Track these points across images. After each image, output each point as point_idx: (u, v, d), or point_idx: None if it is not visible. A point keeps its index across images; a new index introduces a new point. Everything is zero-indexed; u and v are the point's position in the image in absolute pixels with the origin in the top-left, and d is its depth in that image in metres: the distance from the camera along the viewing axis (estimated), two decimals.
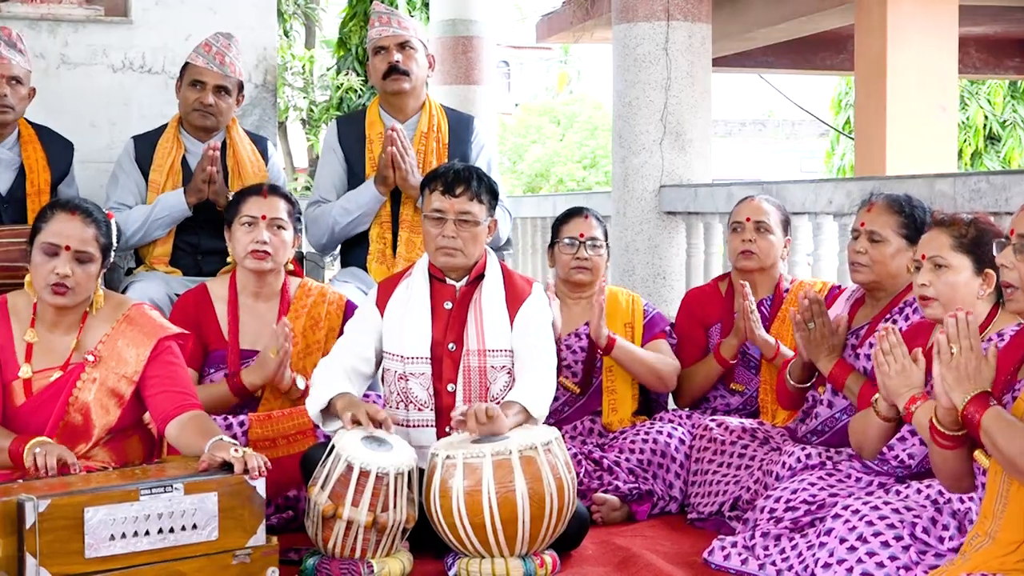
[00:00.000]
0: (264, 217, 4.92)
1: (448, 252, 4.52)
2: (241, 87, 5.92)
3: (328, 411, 4.37)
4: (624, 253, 7.90)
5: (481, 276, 4.60)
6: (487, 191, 4.57)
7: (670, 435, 5.05)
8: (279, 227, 4.95)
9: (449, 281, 4.59)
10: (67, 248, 4.17)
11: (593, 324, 5.14)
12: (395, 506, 4.03)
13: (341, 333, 4.97)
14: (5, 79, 5.58)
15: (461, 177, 4.54)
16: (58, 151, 5.85)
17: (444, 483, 4.04)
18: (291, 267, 5.12)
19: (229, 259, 5.07)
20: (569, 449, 4.51)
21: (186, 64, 5.85)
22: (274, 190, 5.06)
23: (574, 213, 5.47)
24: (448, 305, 4.57)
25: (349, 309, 5.10)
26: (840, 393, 4.62)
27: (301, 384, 4.86)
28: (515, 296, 4.58)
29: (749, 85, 28.87)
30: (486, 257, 4.63)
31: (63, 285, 4.15)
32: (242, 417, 4.78)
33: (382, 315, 4.60)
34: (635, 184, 7.87)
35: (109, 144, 6.44)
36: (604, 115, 31.02)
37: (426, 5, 16.01)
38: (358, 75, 19.43)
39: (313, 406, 4.39)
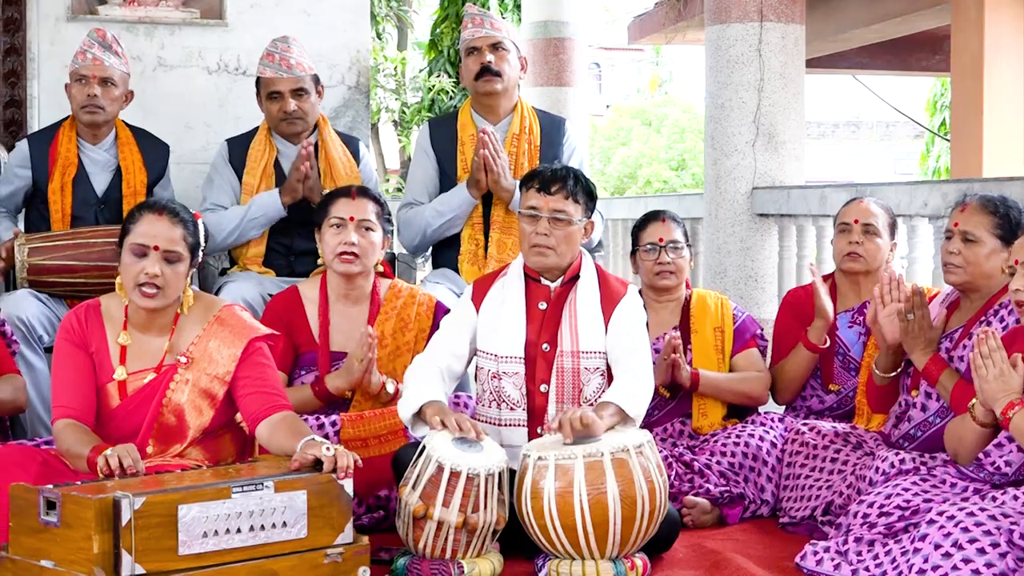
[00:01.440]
0: (352, 219, 4.93)
1: (540, 251, 4.50)
2: (317, 80, 5.94)
3: (419, 415, 4.38)
4: (716, 255, 7.85)
5: (576, 277, 4.57)
6: (584, 192, 4.54)
7: (762, 438, 5.02)
8: (367, 229, 4.95)
9: (544, 281, 4.57)
10: (156, 248, 4.19)
11: (676, 375, 5.11)
12: (486, 507, 4.04)
13: (431, 335, 4.98)
14: (96, 80, 5.66)
15: (558, 176, 4.52)
16: (154, 153, 5.92)
17: (535, 484, 4.03)
18: (380, 268, 5.12)
19: (319, 260, 5.09)
20: (660, 451, 4.50)
21: (258, 79, 5.90)
22: (362, 192, 5.06)
23: (651, 218, 5.44)
24: (543, 305, 4.55)
25: (439, 310, 5.10)
26: (933, 391, 4.56)
27: (391, 388, 4.87)
28: (610, 298, 4.55)
29: (843, 86, 28.65)
30: (581, 258, 4.60)
31: (153, 285, 4.18)
32: (334, 417, 4.81)
33: (477, 312, 4.59)
34: (727, 186, 7.82)
35: (204, 146, 6.52)
36: (692, 117, 30.93)
37: (518, 7, 16.03)
38: (450, 77, 19.50)
39: (405, 411, 4.39)
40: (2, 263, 5.51)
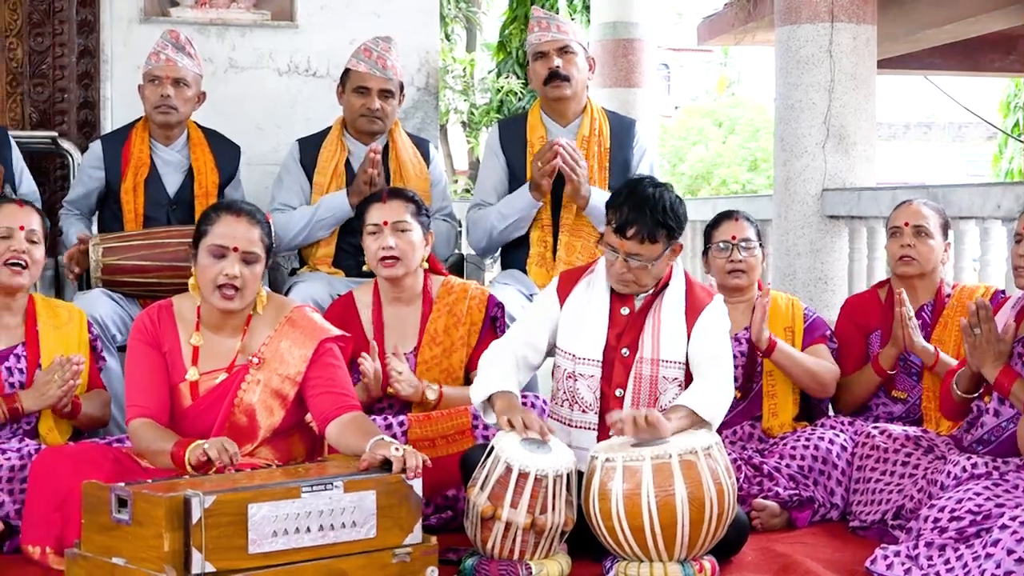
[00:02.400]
0: (386, 223, 4.93)
1: (621, 282, 4.45)
2: (402, 87, 5.96)
3: (489, 402, 4.36)
4: (785, 257, 7.82)
5: (665, 286, 4.50)
6: (662, 227, 4.34)
7: (831, 441, 4.97)
8: (404, 230, 4.94)
9: None
10: (235, 249, 4.23)
11: (755, 325, 5.08)
12: (554, 508, 4.03)
13: (483, 328, 5.00)
14: (169, 80, 5.71)
15: (635, 218, 4.33)
16: (226, 154, 5.97)
17: (603, 486, 4.02)
18: (426, 265, 5.12)
19: (365, 267, 5.11)
20: (729, 454, 4.47)
21: (347, 70, 5.91)
22: (394, 193, 5.06)
23: (724, 217, 5.41)
24: (625, 311, 4.50)
25: (491, 304, 5.10)
26: (1007, 401, 4.52)
27: (432, 395, 4.85)
28: (694, 307, 4.48)
29: (914, 87, 28.43)
30: (672, 269, 4.53)
31: (232, 286, 4.22)
32: (402, 417, 4.81)
33: (561, 306, 4.54)
34: (797, 188, 7.79)
35: (275, 147, 6.55)
36: (766, 118, 30.78)
37: (587, 8, 16.02)
38: (518, 78, 19.53)
39: (476, 396, 4.38)
40: (76, 267, 5.56)
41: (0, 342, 4.75)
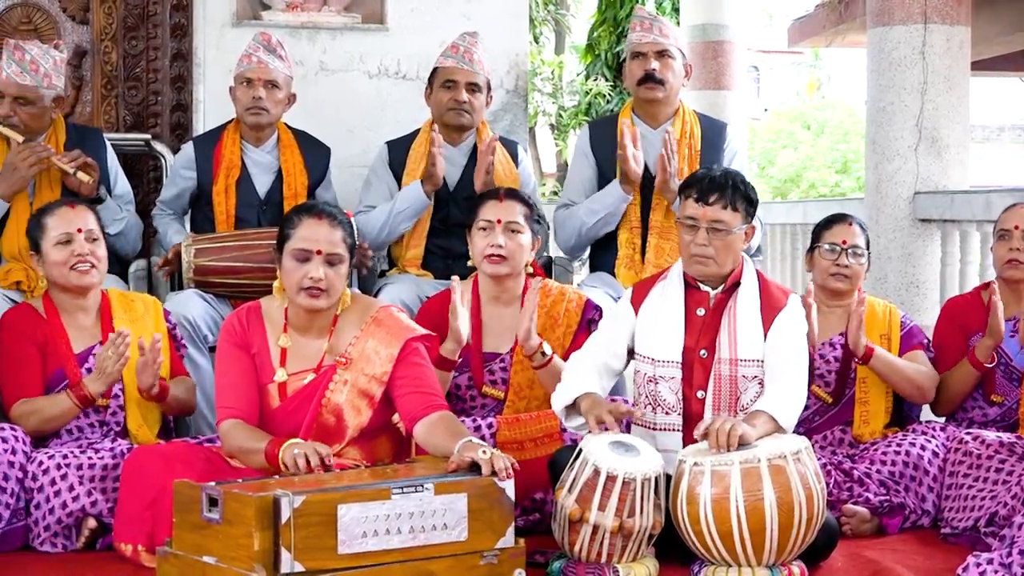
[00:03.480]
0: (500, 221, 4.94)
1: (700, 260, 4.44)
2: (489, 85, 5.98)
3: (572, 407, 4.38)
4: (876, 261, 7.74)
5: (737, 284, 4.51)
6: (742, 199, 4.44)
7: (923, 447, 4.93)
8: (515, 231, 4.96)
9: (704, 287, 4.50)
10: (318, 252, 4.25)
11: (852, 334, 5.02)
12: (642, 512, 4.02)
13: (579, 331, 4.99)
14: (261, 82, 5.76)
15: (716, 184, 4.43)
16: (315, 155, 6.01)
17: (691, 490, 4.01)
18: (531, 269, 5.12)
19: (469, 262, 5.12)
20: (819, 459, 4.43)
21: (435, 69, 5.95)
22: (510, 194, 5.07)
23: (838, 219, 5.34)
24: (701, 312, 4.50)
25: (588, 308, 5.09)
26: None
27: (548, 350, 4.81)
28: (770, 306, 4.47)
29: (1009, 89, 28.09)
30: (743, 265, 4.53)
31: (317, 288, 4.24)
32: (490, 420, 4.82)
33: (636, 315, 4.55)
34: (889, 191, 7.71)
35: (365, 149, 6.57)
36: (856, 120, 30.52)
37: (676, 10, 15.99)
38: (607, 80, 19.52)
39: (558, 403, 4.40)
40: (169, 266, 5.63)
41: (77, 344, 4.81)
